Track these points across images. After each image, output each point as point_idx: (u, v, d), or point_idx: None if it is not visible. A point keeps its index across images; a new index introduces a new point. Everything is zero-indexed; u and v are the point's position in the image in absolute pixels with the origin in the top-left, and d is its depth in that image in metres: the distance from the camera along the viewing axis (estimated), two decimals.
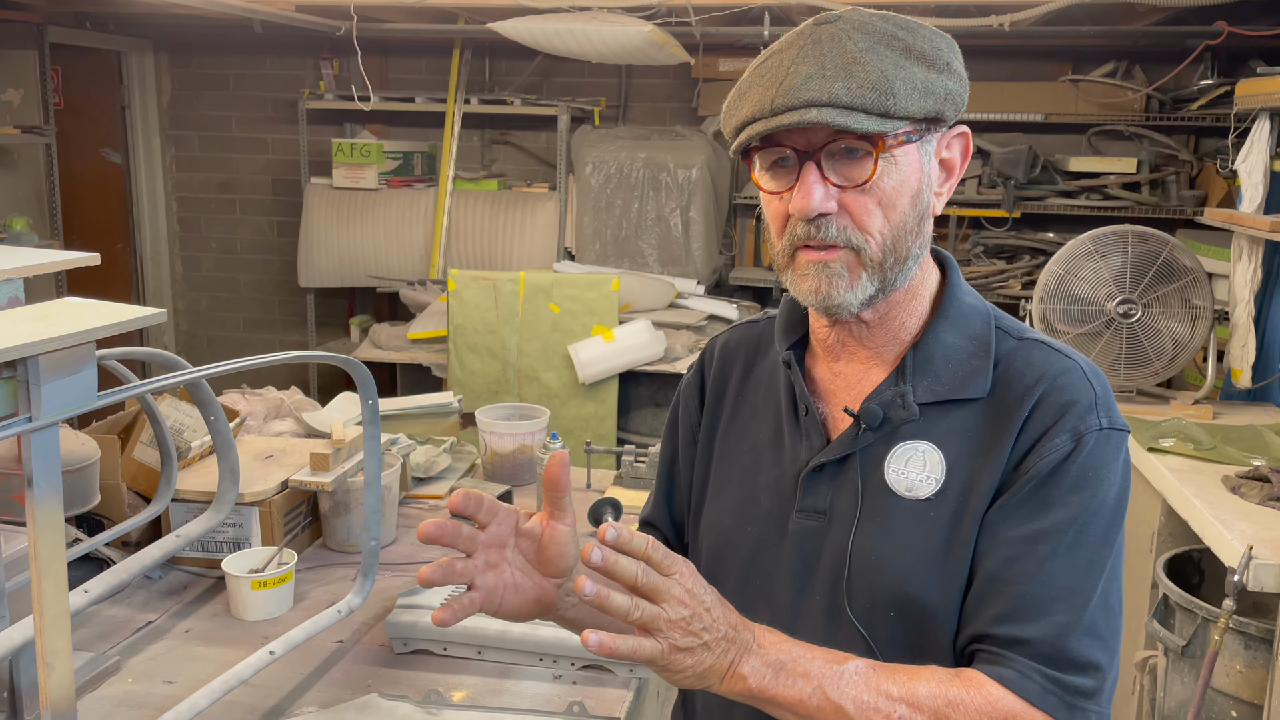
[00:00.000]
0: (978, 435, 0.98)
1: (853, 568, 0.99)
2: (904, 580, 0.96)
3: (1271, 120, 3.09)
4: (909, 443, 0.99)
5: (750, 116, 0.94)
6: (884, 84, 0.90)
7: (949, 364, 1.00)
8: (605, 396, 3.66)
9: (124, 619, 1.64)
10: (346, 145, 4.76)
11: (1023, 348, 1.00)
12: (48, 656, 1.03)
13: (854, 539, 0.99)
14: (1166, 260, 3.23)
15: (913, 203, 0.96)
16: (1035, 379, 0.97)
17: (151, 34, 5.36)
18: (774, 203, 0.98)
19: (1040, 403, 0.96)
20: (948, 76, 0.94)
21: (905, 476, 0.98)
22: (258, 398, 2.32)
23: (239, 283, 5.70)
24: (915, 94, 0.92)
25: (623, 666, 1.50)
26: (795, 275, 0.98)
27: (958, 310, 1.02)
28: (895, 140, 0.93)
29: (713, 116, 4.76)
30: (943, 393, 0.99)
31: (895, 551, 0.97)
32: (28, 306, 1.03)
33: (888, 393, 1.00)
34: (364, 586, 1.62)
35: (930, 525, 0.97)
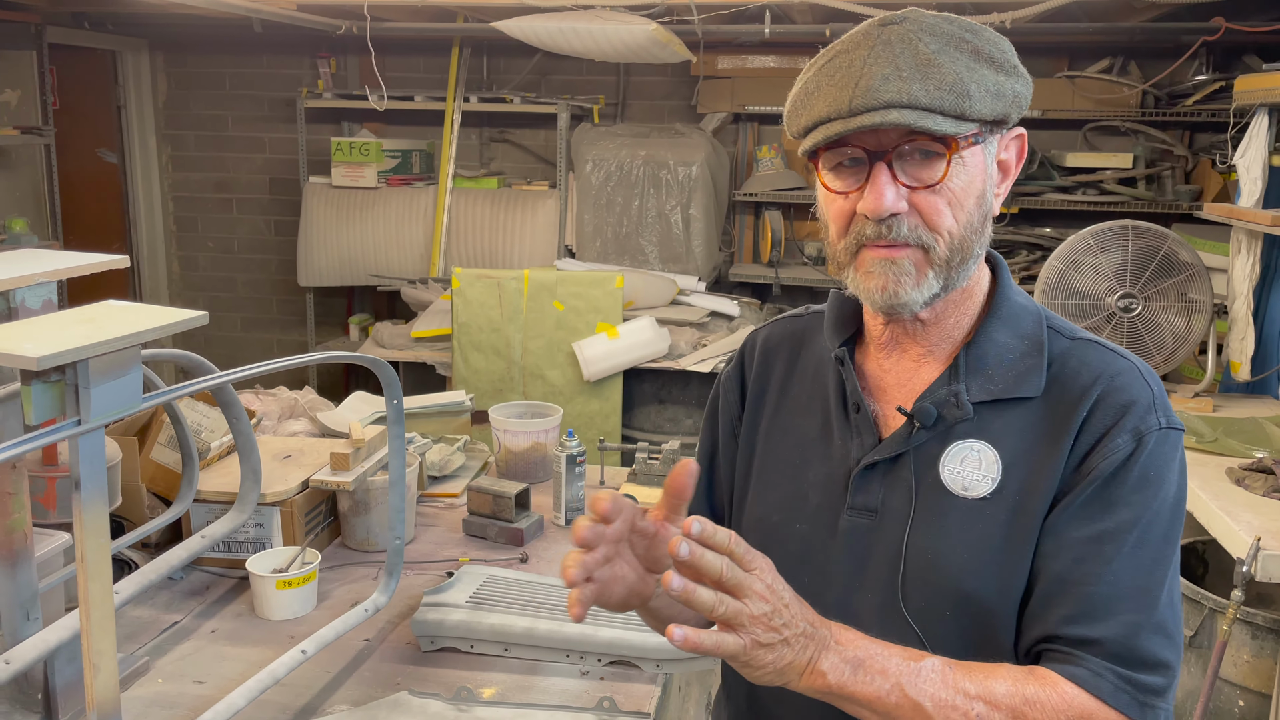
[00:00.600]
0: (1034, 434, 0.98)
1: (908, 567, 0.99)
2: (960, 579, 0.97)
3: (1270, 115, 3.11)
4: (964, 442, 0.99)
5: (824, 116, 0.94)
6: (960, 86, 0.91)
7: (1002, 363, 1.00)
8: (610, 394, 3.67)
9: (149, 620, 1.65)
10: (346, 144, 4.76)
11: (1076, 347, 1.01)
12: (94, 657, 1.04)
13: (909, 538, 0.99)
14: (1166, 255, 3.25)
15: (978, 203, 0.97)
16: (1092, 379, 0.98)
17: (147, 33, 5.34)
18: (838, 201, 0.98)
19: (1099, 403, 0.96)
20: (1015, 79, 0.95)
21: (961, 475, 0.99)
22: (271, 398, 2.33)
23: (236, 282, 5.69)
24: (988, 96, 0.93)
25: (649, 662, 1.52)
26: (859, 273, 0.98)
27: (1010, 310, 1.03)
28: (966, 142, 0.94)
29: (712, 114, 4.78)
30: (996, 391, 1.00)
31: (952, 550, 0.98)
32: (71, 310, 1.04)
33: (941, 391, 1.01)
34: (389, 585, 1.64)
35: (987, 524, 0.97)
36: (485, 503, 2.00)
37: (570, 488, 2.05)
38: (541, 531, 2.03)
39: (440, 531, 2.04)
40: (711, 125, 4.74)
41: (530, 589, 1.68)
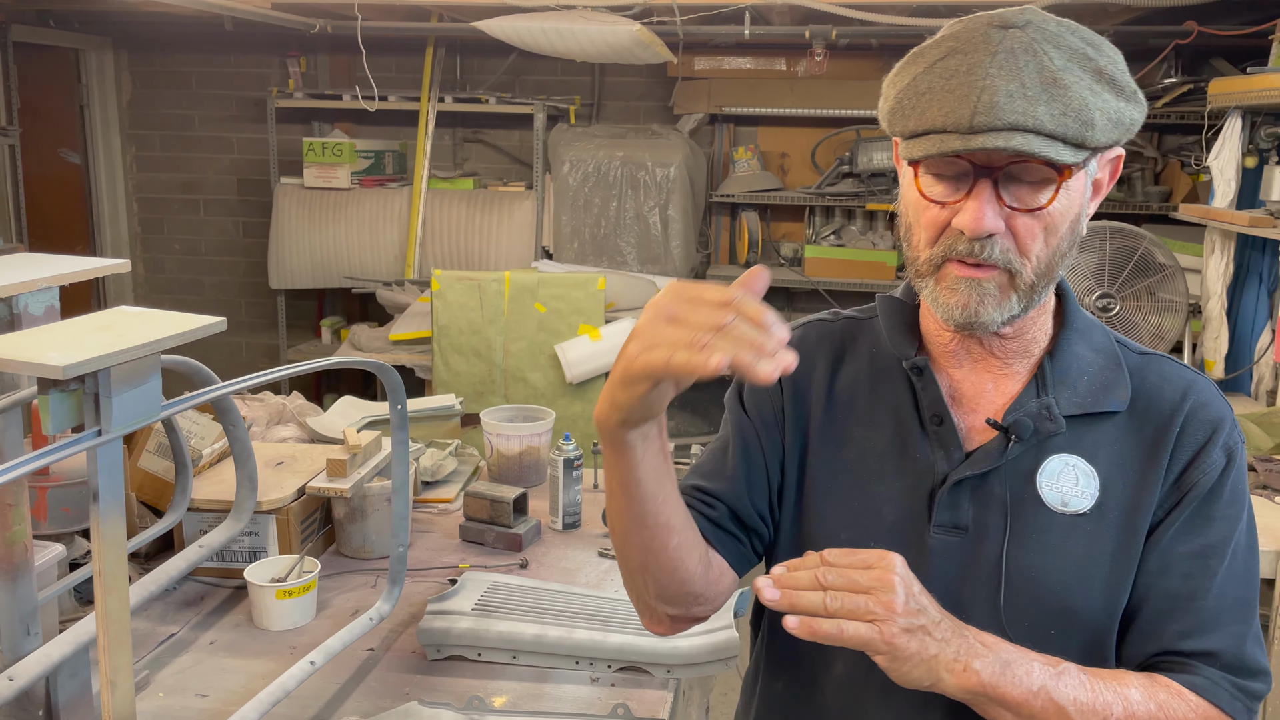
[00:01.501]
0: (1127, 448, 0.98)
1: (1009, 586, 0.97)
2: (1067, 596, 0.96)
3: (1244, 118, 3.17)
4: (1060, 456, 0.98)
5: (940, 126, 0.88)
6: (1085, 113, 0.86)
7: (1084, 376, 1.00)
8: (593, 395, 3.65)
9: (145, 632, 1.61)
10: (318, 144, 4.70)
11: (1151, 362, 1.02)
12: (111, 674, 1.01)
13: (1008, 555, 0.97)
14: (1143, 255, 3.30)
15: (1072, 228, 0.94)
16: (1179, 394, 0.99)
17: (111, 31, 5.24)
18: (932, 210, 0.93)
19: (1190, 419, 0.98)
20: (1134, 105, 0.91)
21: (1059, 491, 0.97)
22: (259, 404, 2.29)
23: (204, 285, 5.60)
24: (1109, 125, 0.88)
25: (659, 667, 1.51)
26: (940, 287, 0.94)
27: (1083, 323, 1.03)
28: (1077, 168, 0.90)
29: (689, 115, 4.77)
30: (1085, 405, 0.99)
31: (1057, 567, 0.96)
32: (86, 317, 1.01)
33: (1031, 404, 0.98)
34: (393, 593, 1.61)
35: (1090, 540, 0.97)
36: (483, 508, 1.98)
37: (568, 492, 2.03)
38: (539, 536, 2.01)
39: (436, 538, 2.01)
40: (688, 126, 4.74)
41: (535, 595, 1.66)
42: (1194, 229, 3.70)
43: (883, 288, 4.56)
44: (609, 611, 1.62)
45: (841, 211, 4.76)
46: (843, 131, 4.72)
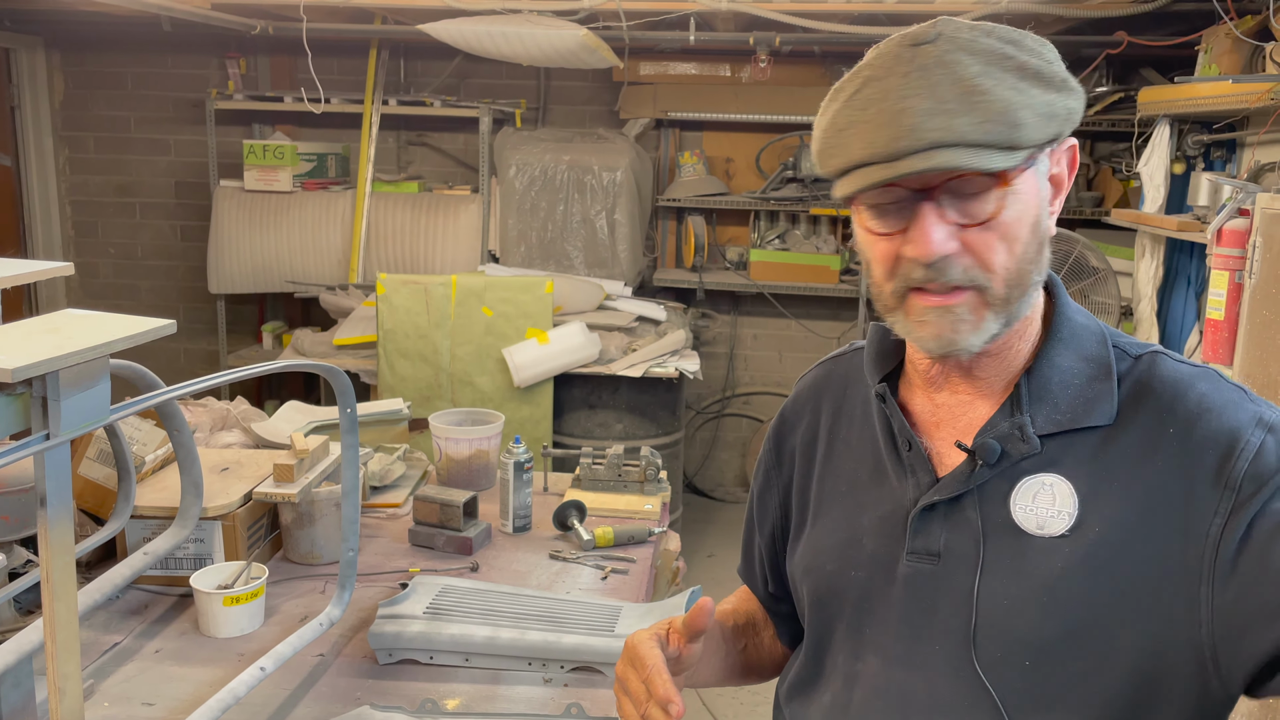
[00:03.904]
0: (1121, 462, 0.88)
1: (980, 615, 0.90)
2: (1042, 625, 0.88)
3: (1171, 126, 3.28)
4: (1034, 477, 0.91)
5: (862, 159, 0.84)
6: (1011, 115, 0.82)
7: (1068, 390, 0.92)
8: (540, 399, 3.65)
9: (89, 641, 1.58)
10: (259, 147, 4.63)
11: (1147, 364, 0.92)
12: (59, 681, 0.99)
13: (980, 584, 0.91)
14: (1077, 259, 3.39)
15: (1033, 231, 0.88)
16: (1175, 397, 0.89)
17: (42, 31, 5.11)
18: (881, 243, 0.89)
19: (1200, 422, 0.87)
20: (1067, 94, 0.86)
21: (1035, 513, 0.90)
22: (202, 409, 2.26)
23: (140, 290, 5.48)
24: (1040, 120, 0.83)
25: (612, 667, 1.52)
26: (910, 320, 0.90)
27: (1070, 331, 0.94)
28: (1018, 171, 0.85)
29: (635, 119, 4.80)
30: (1064, 421, 0.91)
31: (1034, 595, 0.88)
32: (33, 319, 0.99)
33: (1003, 425, 0.92)
34: (343, 598, 1.60)
35: (1066, 562, 0.88)
36: (432, 512, 1.97)
37: (518, 495, 2.04)
38: (490, 540, 2.01)
39: (385, 542, 2.00)
40: (634, 131, 4.76)
41: (488, 598, 1.66)
42: (1125, 233, 3.82)
43: (826, 291, 4.64)
44: (561, 613, 1.62)
45: (786, 216, 4.82)
46: (787, 137, 4.78)
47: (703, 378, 4.15)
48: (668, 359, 3.76)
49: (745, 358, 5.15)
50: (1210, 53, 3.09)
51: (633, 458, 2.25)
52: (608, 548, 1.98)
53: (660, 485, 2.23)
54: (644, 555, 1.96)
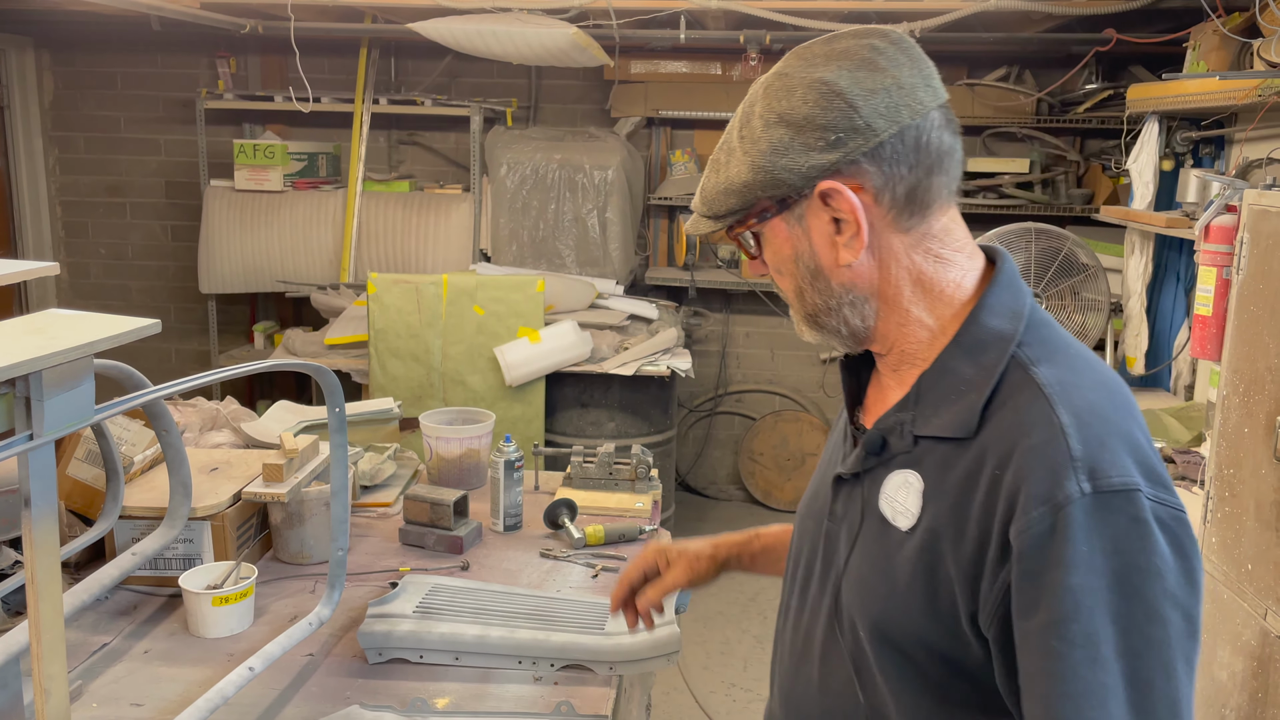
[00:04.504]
0: (956, 478, 0.91)
1: (843, 584, 1.00)
2: (875, 609, 0.95)
3: (1160, 123, 3.29)
4: (901, 471, 0.96)
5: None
6: (706, 195, 1.01)
7: (950, 396, 0.94)
8: (532, 398, 3.65)
9: (77, 642, 1.57)
10: (249, 146, 4.62)
11: (1023, 385, 0.91)
12: (45, 681, 0.99)
13: (850, 556, 1.00)
14: (1066, 256, 3.41)
15: (795, 265, 0.99)
16: (1021, 432, 0.87)
17: (32, 31, 5.09)
18: None
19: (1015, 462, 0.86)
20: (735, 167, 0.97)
21: (893, 505, 0.96)
22: (192, 409, 2.25)
23: (131, 290, 5.47)
24: (723, 196, 0.99)
25: (602, 665, 1.52)
26: None
27: (974, 337, 0.95)
28: (746, 225, 1.00)
29: (626, 118, 4.80)
30: (933, 427, 0.94)
31: (876, 579, 0.96)
32: (16, 319, 0.99)
33: (892, 419, 0.98)
34: (332, 597, 1.60)
35: (900, 557, 0.94)
36: (423, 511, 1.97)
37: (509, 494, 2.03)
38: (480, 539, 2.01)
39: (375, 542, 2.00)
40: (625, 129, 4.76)
41: (478, 596, 1.66)
42: (1115, 230, 3.83)
43: None
44: (551, 611, 1.62)
45: None
46: None
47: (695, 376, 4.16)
48: (660, 357, 3.76)
49: (737, 356, 5.16)
50: (1199, 50, 3.10)
51: (624, 456, 2.25)
52: (599, 546, 1.98)
53: (651, 483, 2.23)
54: (635, 553, 1.96)
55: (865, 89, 0.93)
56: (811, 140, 0.93)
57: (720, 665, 3.54)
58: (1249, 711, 1.98)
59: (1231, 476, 2.08)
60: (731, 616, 3.90)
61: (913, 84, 0.94)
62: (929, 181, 0.95)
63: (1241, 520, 2.03)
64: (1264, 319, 1.98)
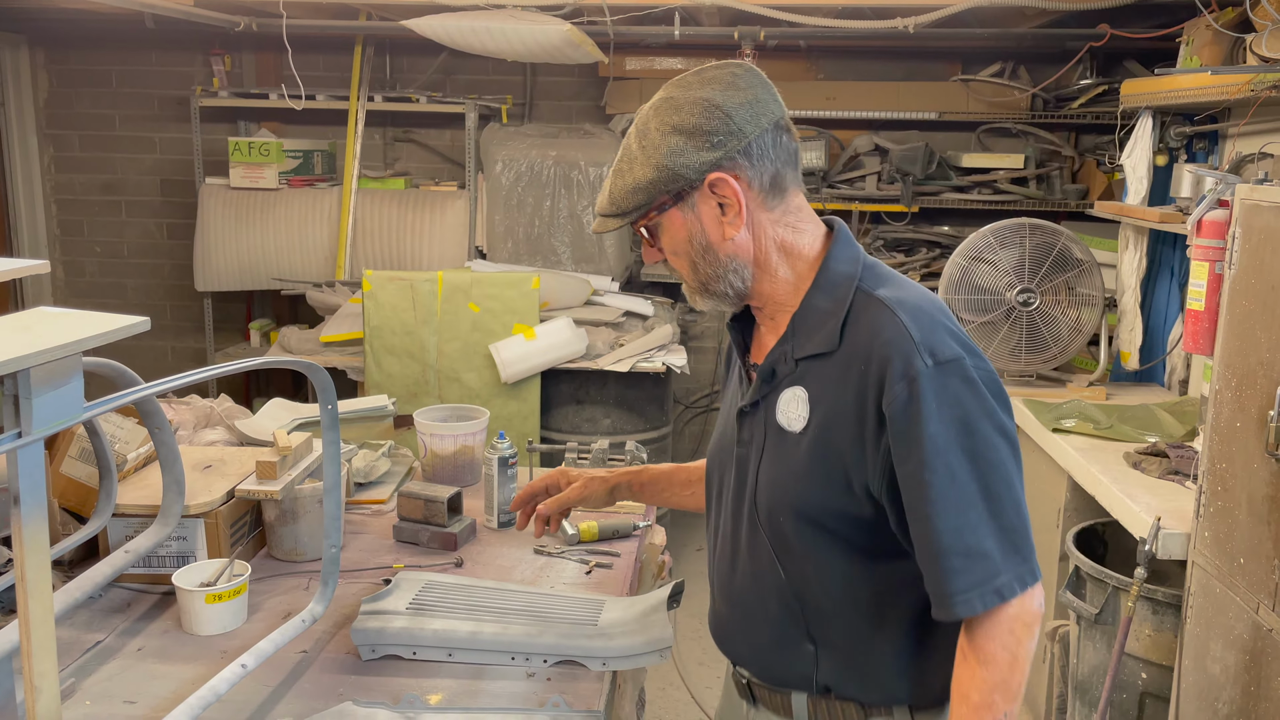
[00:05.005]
0: (831, 380, 1.23)
1: (757, 487, 1.29)
2: (784, 494, 1.26)
3: (1154, 118, 3.29)
4: (791, 389, 1.27)
5: None
6: (612, 195, 1.27)
7: (816, 325, 1.26)
8: (528, 395, 3.65)
9: (70, 640, 1.58)
10: (244, 144, 4.61)
11: (870, 307, 1.23)
12: (35, 679, 1.00)
13: (760, 465, 1.29)
14: (1061, 251, 3.41)
15: (689, 245, 1.27)
16: (871, 335, 1.20)
17: (26, 29, 5.09)
18: None
19: (874, 356, 1.18)
20: (639, 169, 1.24)
21: (786, 415, 1.27)
22: (185, 407, 2.25)
23: (126, 288, 5.46)
24: (628, 194, 1.25)
25: (595, 660, 1.52)
26: None
27: (828, 279, 1.27)
28: (645, 219, 1.27)
29: (621, 114, 4.80)
30: (810, 348, 1.26)
31: (780, 473, 1.27)
32: (4, 317, 0.99)
33: (777, 352, 1.29)
34: (325, 594, 1.60)
35: (798, 451, 1.24)
36: (416, 508, 1.97)
37: (502, 490, 2.04)
38: (474, 535, 2.01)
39: (369, 539, 2.01)
40: (621, 126, 4.76)
41: (471, 593, 1.66)
42: (1109, 225, 3.83)
43: None
44: (544, 607, 1.63)
45: None
46: None
47: (690, 372, 4.16)
48: (655, 354, 3.77)
49: None
50: (1192, 45, 3.10)
51: (618, 452, 2.25)
52: (592, 542, 1.99)
53: None
54: (628, 549, 1.97)
55: (735, 103, 1.22)
56: (700, 143, 1.22)
57: (715, 661, 3.55)
58: (1242, 705, 1.98)
59: (1224, 471, 2.08)
60: None
61: (766, 99, 1.24)
62: (784, 171, 1.26)
63: (1234, 514, 2.03)
64: (1256, 313, 1.99)
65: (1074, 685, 2.60)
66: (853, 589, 1.26)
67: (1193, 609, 2.17)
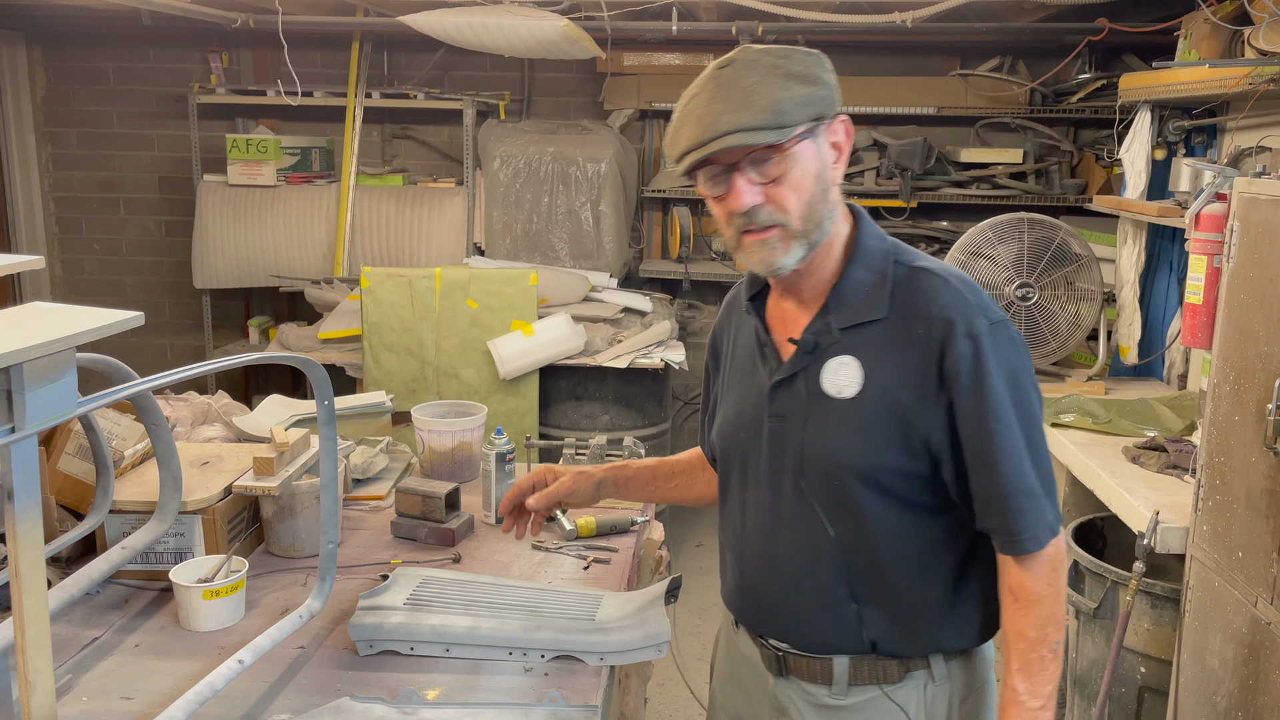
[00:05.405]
0: (886, 345, 1.29)
1: (806, 455, 1.32)
2: (840, 457, 1.30)
3: (1152, 112, 3.28)
4: (837, 358, 1.31)
5: (687, 148, 1.24)
6: (777, 106, 1.21)
7: (859, 295, 1.32)
8: (526, 391, 3.65)
9: (68, 636, 1.57)
10: (242, 141, 4.61)
11: (915, 276, 1.31)
12: (30, 675, 0.99)
13: (805, 434, 1.33)
14: (1059, 245, 3.41)
15: (816, 181, 1.26)
16: (927, 302, 1.28)
17: (23, 26, 5.08)
18: (717, 204, 1.29)
19: (934, 320, 1.27)
20: (821, 87, 1.25)
21: (835, 382, 1.31)
22: (183, 404, 2.25)
23: (125, 285, 5.46)
24: (801, 107, 1.22)
25: (592, 655, 1.52)
26: (744, 253, 1.30)
27: (864, 252, 1.34)
28: (792, 142, 1.23)
29: (619, 110, 4.79)
30: (855, 317, 1.31)
31: (835, 438, 1.30)
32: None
33: (818, 324, 1.33)
34: (323, 590, 1.60)
35: (856, 415, 1.30)
36: (414, 504, 1.97)
37: (500, 486, 2.04)
38: (472, 531, 2.01)
39: (368, 535, 2.00)
40: (619, 122, 4.75)
41: (468, 588, 1.66)
42: (1108, 220, 3.83)
43: None
44: (542, 602, 1.63)
45: None
46: None
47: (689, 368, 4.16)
48: (653, 350, 3.77)
49: None
50: (1190, 38, 3.10)
51: (616, 448, 2.25)
52: (590, 537, 1.98)
53: None
54: (626, 544, 1.97)
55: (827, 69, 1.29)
56: (833, 84, 1.27)
57: None
58: (1240, 698, 1.98)
59: (1222, 464, 2.08)
60: None
61: None
62: None
63: (1232, 508, 2.03)
64: (1254, 307, 1.99)
65: (1073, 679, 2.60)
66: (904, 544, 1.32)
67: (1191, 603, 2.17)
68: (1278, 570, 1.87)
